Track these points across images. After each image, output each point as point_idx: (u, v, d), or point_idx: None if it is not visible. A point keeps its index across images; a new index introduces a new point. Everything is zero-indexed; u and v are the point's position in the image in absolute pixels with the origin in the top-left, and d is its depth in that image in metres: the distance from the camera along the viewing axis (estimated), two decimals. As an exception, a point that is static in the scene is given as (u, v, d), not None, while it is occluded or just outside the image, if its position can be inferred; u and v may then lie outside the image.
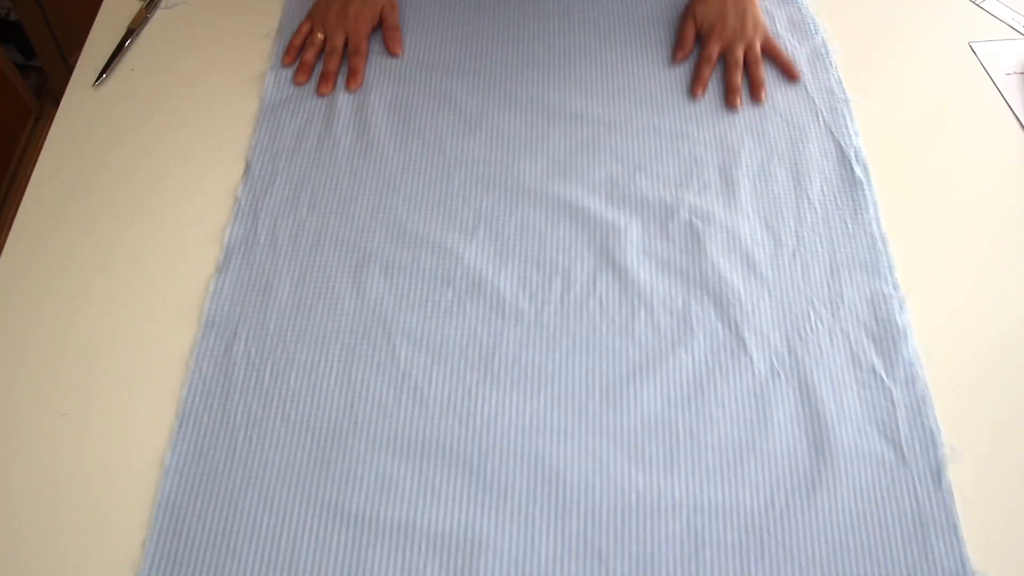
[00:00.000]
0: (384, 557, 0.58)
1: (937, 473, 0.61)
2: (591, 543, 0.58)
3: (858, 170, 0.76)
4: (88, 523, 0.59)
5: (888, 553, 0.58)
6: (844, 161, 0.76)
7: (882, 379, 0.65)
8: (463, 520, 0.59)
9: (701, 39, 0.85)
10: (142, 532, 0.59)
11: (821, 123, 0.79)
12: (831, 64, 0.84)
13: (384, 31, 0.85)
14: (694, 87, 0.82)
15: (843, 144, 0.78)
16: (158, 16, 0.89)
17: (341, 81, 0.82)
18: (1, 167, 1.44)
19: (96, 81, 0.82)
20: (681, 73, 0.84)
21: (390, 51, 0.85)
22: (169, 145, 0.78)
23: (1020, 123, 0.79)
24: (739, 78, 0.82)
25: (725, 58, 0.83)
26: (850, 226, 0.73)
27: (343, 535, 0.58)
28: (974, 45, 0.86)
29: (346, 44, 0.84)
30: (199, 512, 0.59)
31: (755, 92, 0.81)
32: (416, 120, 0.79)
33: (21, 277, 0.70)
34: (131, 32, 0.86)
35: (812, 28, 0.87)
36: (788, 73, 0.83)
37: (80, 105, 0.81)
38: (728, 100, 0.81)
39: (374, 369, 0.65)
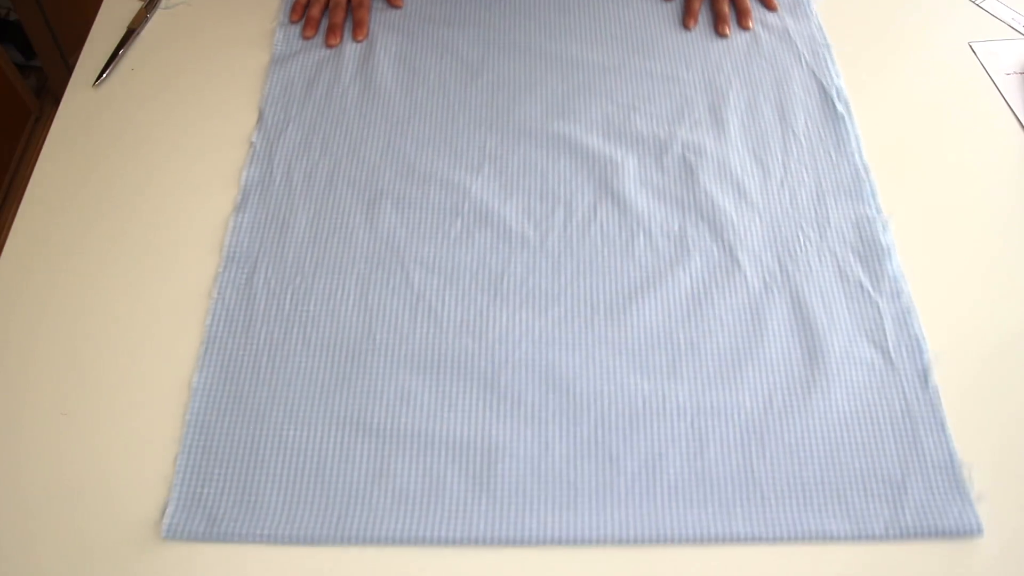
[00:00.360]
0: (407, 463, 0.60)
1: (924, 376, 0.64)
2: (602, 444, 0.61)
3: (840, 106, 0.80)
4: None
5: (881, 448, 0.61)
6: (826, 99, 0.81)
7: (869, 293, 0.69)
8: (480, 427, 0.62)
9: None
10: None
11: (804, 65, 0.83)
12: (811, 12, 0.88)
13: None
14: (686, 19, 0.87)
15: (825, 83, 0.82)
16: (158, 16, 0.89)
17: (347, 35, 0.85)
18: (1, 167, 1.44)
19: (96, 81, 0.82)
20: (671, 21, 0.88)
21: (391, 3, 0.88)
22: (170, 145, 0.78)
23: (1020, 123, 0.80)
24: (726, 7, 0.87)
25: None
26: (834, 157, 0.77)
27: (367, 445, 0.61)
28: (974, 45, 0.86)
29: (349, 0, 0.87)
30: (227, 429, 0.62)
31: (742, 20, 0.86)
32: (420, 69, 0.83)
33: (22, 276, 0.70)
34: (131, 32, 0.86)
35: (791, -21, 0.92)
36: (766, 1, 0.89)
37: (80, 105, 0.81)
38: (717, 29, 0.86)
39: (390, 293, 0.68)
